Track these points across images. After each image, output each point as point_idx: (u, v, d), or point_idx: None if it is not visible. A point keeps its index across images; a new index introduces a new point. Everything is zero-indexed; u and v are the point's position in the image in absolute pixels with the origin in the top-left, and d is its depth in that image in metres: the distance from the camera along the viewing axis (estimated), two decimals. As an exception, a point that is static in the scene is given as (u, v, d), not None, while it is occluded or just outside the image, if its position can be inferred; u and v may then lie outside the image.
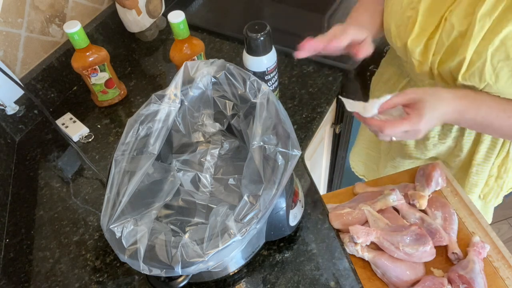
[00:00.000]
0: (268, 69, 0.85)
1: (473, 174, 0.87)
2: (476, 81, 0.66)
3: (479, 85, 0.66)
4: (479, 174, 0.87)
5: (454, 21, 0.65)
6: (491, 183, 0.89)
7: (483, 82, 0.65)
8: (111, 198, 0.58)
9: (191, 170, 0.77)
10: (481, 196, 0.93)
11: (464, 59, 0.64)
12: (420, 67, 0.72)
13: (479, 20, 0.61)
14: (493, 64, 0.63)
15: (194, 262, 0.53)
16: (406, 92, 0.66)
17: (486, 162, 0.84)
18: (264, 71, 0.85)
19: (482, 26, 0.61)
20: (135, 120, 0.64)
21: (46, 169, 0.94)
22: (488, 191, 0.91)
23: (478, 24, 0.61)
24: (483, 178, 0.88)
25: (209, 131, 0.78)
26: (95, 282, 0.74)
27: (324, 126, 1.21)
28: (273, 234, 0.72)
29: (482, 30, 0.62)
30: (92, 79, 0.97)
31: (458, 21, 0.64)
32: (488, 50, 0.62)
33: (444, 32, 0.67)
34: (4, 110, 0.95)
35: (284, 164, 0.58)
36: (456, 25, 0.65)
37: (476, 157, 0.84)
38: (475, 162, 0.85)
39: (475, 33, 0.62)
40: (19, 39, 0.96)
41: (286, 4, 1.30)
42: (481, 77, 0.65)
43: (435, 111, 0.65)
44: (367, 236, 0.73)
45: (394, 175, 0.92)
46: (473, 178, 0.88)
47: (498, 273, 0.74)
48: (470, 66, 0.65)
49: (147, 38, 1.20)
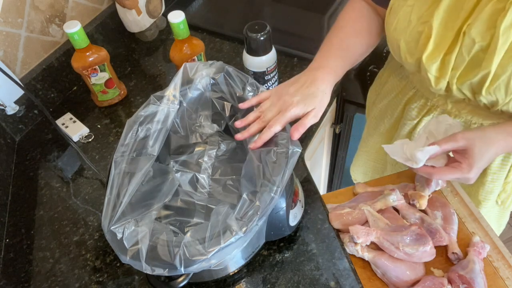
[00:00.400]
0: (268, 69, 0.85)
1: (488, 183, 0.86)
2: (502, 94, 0.65)
3: (504, 98, 0.65)
4: (495, 181, 0.86)
5: (474, 35, 0.62)
6: (509, 190, 0.88)
7: (510, 94, 0.64)
8: (112, 200, 0.58)
9: (189, 171, 0.77)
10: (499, 202, 0.92)
11: (488, 73, 0.63)
12: (437, 82, 0.70)
13: (502, 33, 0.59)
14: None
15: (196, 260, 0.53)
16: (456, 139, 0.65)
17: (502, 170, 0.83)
18: (264, 71, 0.85)
19: (506, 39, 0.60)
20: (134, 121, 0.64)
21: (46, 169, 0.94)
22: (506, 197, 0.90)
23: (502, 37, 0.60)
24: (498, 185, 0.87)
25: (206, 132, 0.78)
26: (95, 282, 0.74)
27: (324, 126, 1.21)
28: (273, 234, 0.72)
29: (506, 43, 0.60)
30: (92, 79, 0.97)
31: (479, 35, 0.62)
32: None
33: (464, 46, 0.64)
34: (4, 110, 0.95)
35: (285, 162, 0.59)
36: (478, 39, 0.62)
37: (492, 166, 0.83)
38: (490, 171, 0.84)
39: (499, 47, 0.60)
40: (19, 39, 0.96)
41: (286, 4, 1.30)
42: (507, 90, 0.63)
43: (485, 157, 0.65)
44: (367, 236, 0.73)
45: (394, 175, 0.92)
46: (488, 186, 0.87)
47: (498, 273, 0.74)
48: (494, 80, 0.63)
49: (147, 38, 1.20)
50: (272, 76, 0.88)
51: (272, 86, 0.90)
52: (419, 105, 0.83)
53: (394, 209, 0.81)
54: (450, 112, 0.79)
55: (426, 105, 0.82)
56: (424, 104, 0.82)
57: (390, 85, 0.91)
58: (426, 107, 0.82)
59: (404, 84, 0.87)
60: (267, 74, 0.86)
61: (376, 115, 1.00)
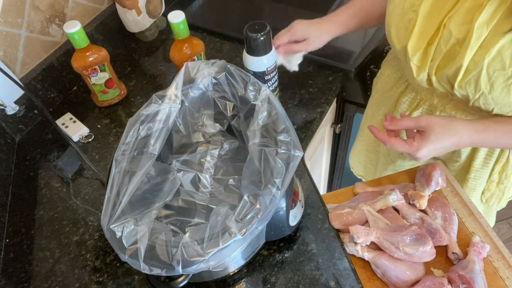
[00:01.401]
0: (268, 69, 0.85)
1: (471, 180, 0.87)
2: (472, 90, 0.66)
3: (474, 94, 0.66)
4: (477, 179, 0.87)
5: (452, 28, 0.64)
6: (492, 189, 0.89)
7: (478, 91, 0.65)
8: (112, 198, 0.58)
9: (191, 171, 0.77)
10: (483, 200, 0.93)
11: (461, 67, 0.64)
12: (419, 72, 0.72)
13: (476, 29, 0.61)
14: (488, 73, 0.62)
15: (194, 261, 0.53)
16: (419, 119, 0.69)
17: (484, 168, 0.85)
18: (264, 71, 0.85)
19: (480, 35, 0.61)
20: (136, 120, 0.64)
21: (46, 169, 0.94)
22: (490, 196, 0.91)
23: (475, 33, 0.61)
24: (481, 183, 0.88)
25: (209, 131, 0.78)
26: (95, 282, 0.74)
27: (324, 126, 1.21)
28: (273, 234, 0.72)
29: (480, 39, 0.61)
30: (92, 79, 0.97)
31: (456, 28, 0.64)
32: (485, 60, 0.61)
33: (442, 38, 0.66)
34: (4, 110, 0.95)
35: (286, 165, 0.58)
36: (454, 32, 0.64)
37: (474, 164, 0.84)
38: (473, 168, 0.85)
39: (473, 42, 0.61)
40: (19, 39, 0.96)
41: (286, 4, 1.30)
42: (477, 85, 0.65)
43: (439, 143, 0.68)
44: (367, 236, 0.73)
45: (394, 175, 0.92)
46: (471, 183, 0.88)
47: (498, 273, 0.74)
48: (466, 74, 0.65)
49: (147, 38, 1.20)
50: (272, 76, 0.87)
51: (272, 86, 0.89)
52: (410, 98, 0.85)
53: (394, 209, 0.81)
54: (436, 107, 0.80)
55: (416, 99, 0.84)
56: (414, 97, 0.84)
57: (386, 77, 0.93)
58: (416, 100, 0.84)
59: (398, 77, 0.88)
60: (267, 74, 0.86)
61: (373, 105, 1.02)
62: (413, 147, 0.70)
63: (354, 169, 1.23)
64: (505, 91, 0.63)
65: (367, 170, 1.18)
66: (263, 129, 0.63)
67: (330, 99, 1.02)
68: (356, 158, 1.19)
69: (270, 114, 0.64)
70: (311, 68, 1.07)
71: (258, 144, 0.62)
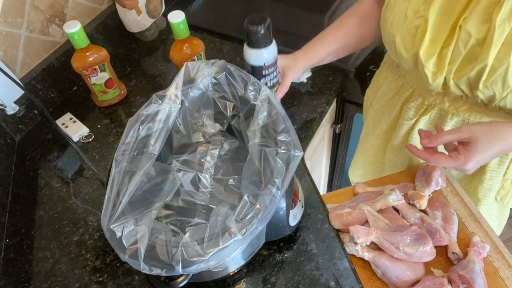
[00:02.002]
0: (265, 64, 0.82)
1: (487, 180, 0.85)
2: (499, 88, 0.64)
3: (501, 93, 0.65)
4: (493, 179, 0.85)
5: (470, 28, 0.62)
6: (507, 186, 0.88)
7: (507, 88, 0.64)
8: (112, 198, 0.58)
9: (191, 171, 0.77)
10: (498, 198, 0.91)
11: (485, 67, 0.63)
12: (434, 77, 0.70)
13: (498, 26, 0.59)
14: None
15: (194, 261, 0.53)
16: (461, 131, 0.66)
17: (500, 167, 0.83)
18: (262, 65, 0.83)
19: (502, 31, 0.60)
20: (136, 120, 0.64)
21: (46, 169, 0.94)
22: (505, 193, 0.90)
23: (497, 30, 0.60)
24: (497, 182, 0.86)
25: (209, 131, 0.78)
26: (95, 282, 0.74)
27: (324, 126, 1.21)
28: (273, 234, 0.72)
29: (502, 36, 0.60)
30: (92, 79, 0.97)
31: (475, 28, 0.62)
32: (511, 56, 0.60)
33: (460, 40, 0.64)
34: (4, 110, 0.95)
35: (286, 165, 0.58)
36: (473, 33, 0.62)
37: (490, 164, 0.82)
38: (489, 168, 0.83)
39: (496, 40, 0.60)
40: (19, 39, 0.96)
41: (286, 4, 1.30)
42: (504, 83, 0.63)
43: (487, 152, 0.65)
44: (367, 236, 0.73)
45: (394, 175, 0.92)
46: (487, 183, 0.86)
47: (498, 273, 0.74)
48: (491, 74, 0.63)
49: (147, 38, 1.20)
50: (271, 72, 0.85)
51: (271, 83, 0.87)
52: (416, 104, 0.83)
53: (394, 209, 0.81)
54: (448, 111, 0.78)
55: (423, 104, 0.82)
56: (422, 103, 0.82)
57: (386, 86, 0.91)
58: (424, 106, 0.82)
59: (400, 84, 0.86)
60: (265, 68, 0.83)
61: (374, 116, 1.00)
62: (460, 160, 0.66)
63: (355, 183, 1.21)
64: None
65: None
66: (263, 129, 0.63)
67: (330, 99, 1.02)
68: (358, 172, 1.17)
69: (270, 114, 0.64)
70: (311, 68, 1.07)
71: (258, 144, 0.62)
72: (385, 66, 0.94)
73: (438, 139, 0.68)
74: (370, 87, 1.02)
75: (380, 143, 1.02)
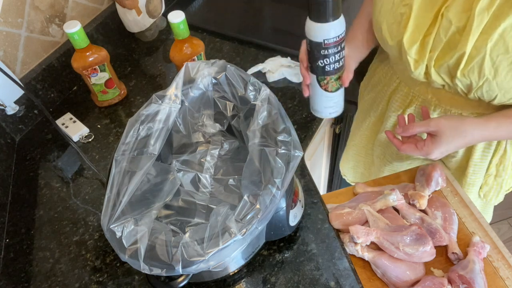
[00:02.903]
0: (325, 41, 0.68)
1: (470, 174, 0.87)
2: (475, 77, 0.66)
3: (477, 81, 0.66)
4: (476, 173, 0.87)
5: (451, 16, 0.64)
6: (490, 182, 0.90)
7: (482, 77, 0.65)
8: (112, 198, 0.58)
9: (191, 171, 0.77)
10: (481, 195, 0.93)
11: (463, 55, 0.64)
12: (416, 65, 0.72)
13: (477, 15, 0.61)
14: (492, 58, 0.63)
15: (194, 261, 0.53)
16: (429, 124, 0.72)
17: (483, 162, 0.85)
18: (321, 42, 0.69)
19: (481, 20, 0.61)
20: (136, 120, 0.64)
21: (46, 169, 0.94)
22: (488, 189, 0.92)
23: (476, 19, 0.61)
24: (480, 177, 0.88)
25: (209, 131, 0.78)
26: (95, 282, 0.74)
27: (324, 126, 1.21)
28: (273, 234, 0.72)
29: (481, 25, 0.62)
30: (92, 79, 0.97)
31: (455, 16, 0.64)
32: (488, 45, 0.62)
33: (441, 28, 0.66)
34: (4, 110, 0.95)
35: (286, 165, 0.58)
36: (454, 21, 0.64)
37: (473, 157, 0.84)
38: (472, 162, 0.85)
39: (474, 28, 0.62)
40: (19, 39, 0.96)
41: (286, 4, 1.30)
42: (480, 72, 0.65)
43: (450, 145, 0.72)
44: (367, 236, 0.73)
45: (394, 175, 0.92)
46: (470, 177, 0.88)
47: (498, 273, 0.74)
48: (469, 62, 0.65)
49: (147, 38, 1.20)
50: (332, 53, 0.69)
51: (331, 67, 0.72)
52: (402, 95, 0.85)
53: (394, 209, 0.81)
54: (430, 102, 0.80)
55: (408, 95, 0.84)
56: (407, 93, 0.84)
57: (377, 77, 0.93)
58: (409, 97, 0.84)
59: (390, 75, 0.88)
60: (324, 47, 0.69)
61: (364, 108, 1.02)
62: (424, 151, 0.74)
63: (347, 176, 1.23)
64: (510, 75, 0.63)
65: (361, 176, 1.17)
66: (263, 129, 0.63)
67: (330, 99, 1.01)
68: (348, 164, 1.19)
69: (270, 114, 0.64)
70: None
71: (258, 144, 0.62)
72: (378, 58, 0.95)
73: (409, 130, 0.75)
74: (364, 79, 1.03)
75: (369, 135, 1.04)
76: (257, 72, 1.07)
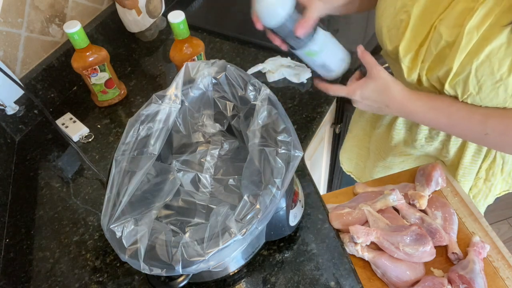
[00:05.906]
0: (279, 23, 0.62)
1: (460, 176, 0.88)
2: (460, 90, 0.66)
3: (462, 94, 0.67)
4: (466, 176, 0.88)
5: (442, 30, 0.64)
6: (480, 185, 0.90)
7: (467, 91, 0.65)
8: (112, 198, 0.58)
9: (191, 171, 0.77)
10: (471, 196, 0.94)
11: (450, 69, 0.64)
12: (410, 73, 0.72)
13: (466, 33, 0.61)
14: (477, 76, 0.63)
15: (194, 261, 0.53)
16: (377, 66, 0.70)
17: (472, 166, 0.85)
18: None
19: (469, 39, 0.61)
20: (136, 120, 0.64)
21: (46, 169, 0.94)
22: (477, 192, 0.93)
23: (465, 37, 0.61)
24: (469, 180, 0.89)
25: (209, 131, 0.78)
26: (95, 282, 0.74)
27: (324, 126, 1.21)
28: (273, 234, 0.72)
29: (469, 44, 0.61)
30: (92, 79, 0.97)
31: (446, 31, 0.64)
32: (473, 64, 0.61)
33: (432, 40, 0.66)
34: (4, 110, 0.95)
35: (286, 165, 0.58)
36: (444, 35, 0.64)
37: (463, 161, 0.85)
38: (462, 165, 0.86)
39: (462, 47, 0.61)
40: (19, 39, 0.96)
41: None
42: (465, 87, 0.65)
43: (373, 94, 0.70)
44: (367, 236, 0.73)
45: (394, 175, 0.92)
46: (460, 180, 0.89)
47: (498, 273, 0.74)
48: (455, 77, 0.65)
49: (147, 38, 1.20)
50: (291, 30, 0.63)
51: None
52: None
53: (394, 209, 0.81)
54: None
55: None
56: None
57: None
58: None
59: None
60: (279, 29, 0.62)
61: None
62: (350, 88, 0.72)
63: (344, 165, 1.24)
64: (493, 93, 0.63)
65: (357, 167, 1.18)
66: (263, 129, 0.63)
67: (330, 99, 1.02)
68: (346, 154, 1.20)
69: (270, 114, 0.64)
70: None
71: (258, 144, 0.62)
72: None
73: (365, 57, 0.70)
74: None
75: (367, 129, 1.05)
76: (257, 72, 1.07)
